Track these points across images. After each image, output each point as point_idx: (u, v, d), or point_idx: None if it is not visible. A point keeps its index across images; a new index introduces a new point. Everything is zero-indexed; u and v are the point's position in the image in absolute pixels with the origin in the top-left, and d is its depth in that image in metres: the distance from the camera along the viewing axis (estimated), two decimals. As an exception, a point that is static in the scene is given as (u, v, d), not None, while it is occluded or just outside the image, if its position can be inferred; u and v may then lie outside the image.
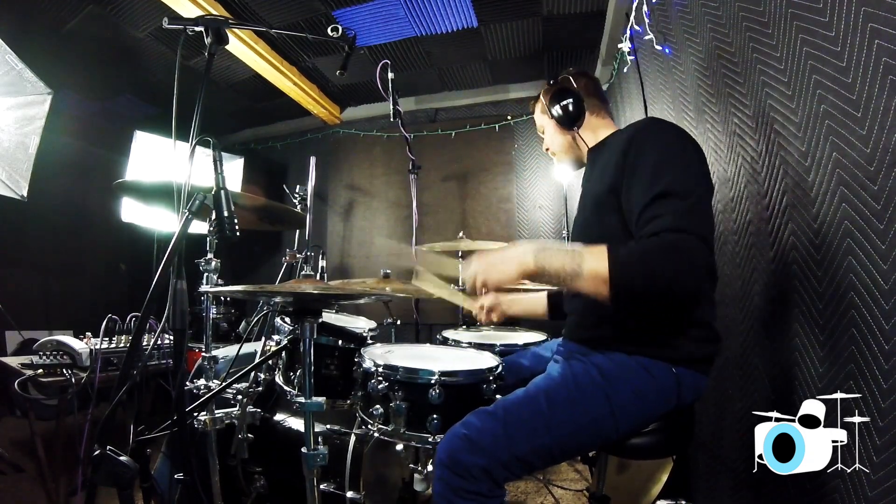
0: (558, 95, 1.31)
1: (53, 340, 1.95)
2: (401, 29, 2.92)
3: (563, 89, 1.31)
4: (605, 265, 0.91)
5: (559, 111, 1.31)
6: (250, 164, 3.95)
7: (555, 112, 1.32)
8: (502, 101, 3.74)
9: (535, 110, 1.44)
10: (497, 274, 1.00)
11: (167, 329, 1.01)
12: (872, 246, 0.88)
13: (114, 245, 3.66)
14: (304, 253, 2.69)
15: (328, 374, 1.44)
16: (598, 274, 0.91)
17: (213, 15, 1.23)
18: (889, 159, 0.82)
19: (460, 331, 2.05)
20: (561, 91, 1.31)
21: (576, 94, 1.30)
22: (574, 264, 0.93)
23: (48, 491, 1.81)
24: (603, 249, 0.93)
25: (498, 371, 1.21)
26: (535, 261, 0.96)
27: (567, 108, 1.30)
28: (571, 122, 1.31)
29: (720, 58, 1.45)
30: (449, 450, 0.97)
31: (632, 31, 2.24)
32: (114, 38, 2.88)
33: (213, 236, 1.34)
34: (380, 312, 2.26)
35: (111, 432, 0.99)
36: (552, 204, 3.57)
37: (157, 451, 1.42)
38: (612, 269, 0.90)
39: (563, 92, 1.31)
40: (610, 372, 1.05)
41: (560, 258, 0.95)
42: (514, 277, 0.98)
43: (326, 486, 1.39)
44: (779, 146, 1.18)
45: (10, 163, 2.33)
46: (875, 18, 0.83)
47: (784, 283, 1.20)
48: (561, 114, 1.31)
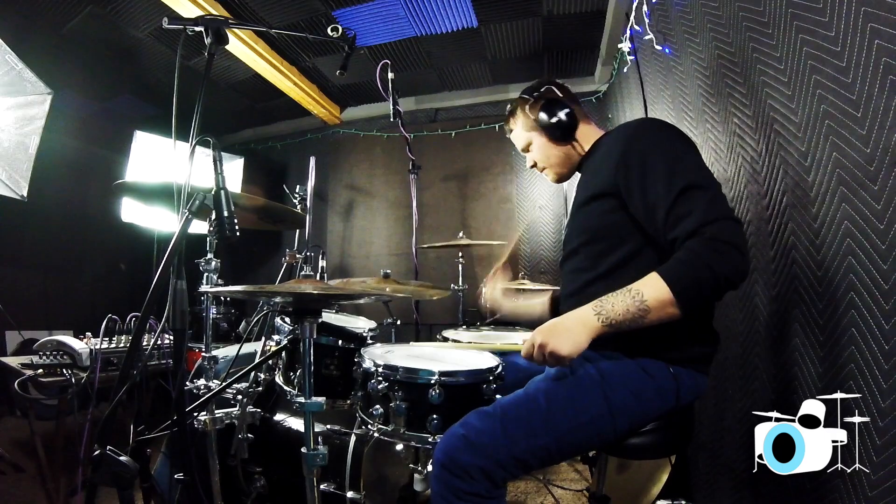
0: (549, 107, 1.24)
1: (53, 340, 1.95)
2: (401, 29, 2.92)
3: (552, 100, 1.24)
4: (665, 289, 0.91)
5: (553, 124, 1.24)
6: (250, 164, 3.95)
7: (547, 125, 1.25)
8: (502, 101, 3.74)
9: (516, 127, 1.35)
10: (568, 346, 0.95)
11: (167, 329, 1.01)
12: (872, 246, 0.88)
13: (114, 245, 3.66)
14: (304, 253, 2.69)
15: (328, 374, 1.44)
16: (664, 300, 0.92)
17: (213, 15, 1.23)
18: (889, 159, 0.82)
19: (460, 331, 2.05)
20: (551, 102, 1.24)
21: (565, 103, 1.24)
22: (637, 303, 0.93)
23: (48, 491, 1.81)
24: (653, 276, 0.94)
25: (498, 371, 1.21)
26: (598, 319, 0.96)
27: (561, 119, 1.23)
28: (568, 133, 1.25)
29: (720, 58, 1.45)
30: (447, 450, 0.96)
31: (632, 31, 2.24)
32: (114, 38, 2.88)
33: (213, 236, 1.34)
34: (380, 312, 2.27)
35: (111, 432, 0.99)
36: (552, 204, 3.56)
37: (157, 451, 1.42)
38: (675, 290, 0.91)
39: (553, 103, 1.24)
40: (608, 371, 1.05)
41: (620, 304, 0.95)
42: (586, 345, 0.96)
43: (326, 486, 1.39)
44: (779, 146, 1.18)
45: (10, 163, 2.32)
46: (875, 18, 0.83)
47: (784, 283, 1.20)
48: (555, 126, 1.24)
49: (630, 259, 1.09)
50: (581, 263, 1.19)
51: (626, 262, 1.09)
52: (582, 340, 0.96)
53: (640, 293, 0.93)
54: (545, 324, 1.01)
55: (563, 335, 0.96)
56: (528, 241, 3.58)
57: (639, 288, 0.94)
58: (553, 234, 3.54)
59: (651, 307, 0.92)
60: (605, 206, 1.11)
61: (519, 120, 1.33)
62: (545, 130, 1.27)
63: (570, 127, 1.25)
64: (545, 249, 3.54)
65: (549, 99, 1.26)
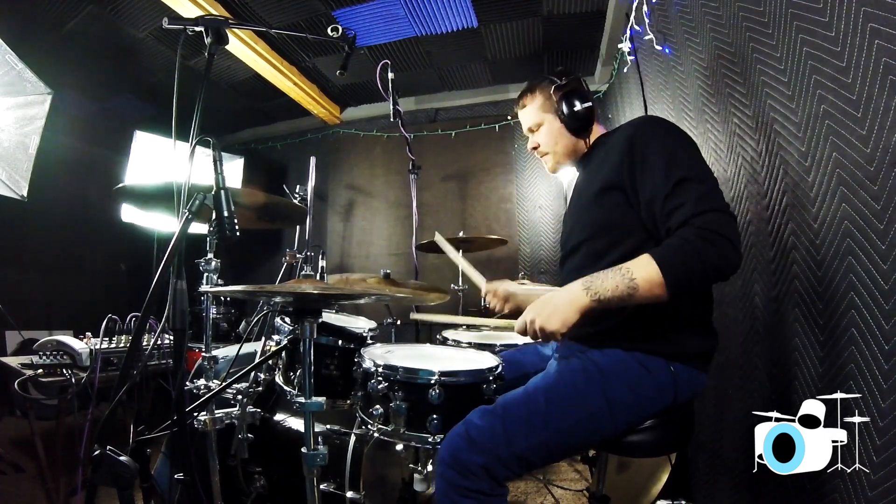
0: (572, 96, 1.24)
1: (53, 340, 1.95)
2: (401, 29, 2.92)
3: (577, 91, 1.24)
4: (655, 270, 0.92)
5: (575, 113, 1.24)
6: (250, 164, 3.95)
7: (567, 113, 1.24)
8: (502, 101, 3.74)
9: (531, 105, 1.33)
10: (557, 321, 0.97)
11: (167, 329, 1.01)
12: (872, 246, 0.88)
13: (114, 245, 3.66)
14: (304, 253, 2.69)
15: (328, 374, 1.44)
16: (653, 280, 0.92)
17: (213, 15, 1.23)
18: (889, 159, 0.82)
19: (460, 331, 2.05)
20: (575, 92, 1.24)
21: (589, 97, 1.25)
22: (626, 281, 0.94)
23: (48, 491, 1.81)
24: (645, 256, 0.95)
25: (498, 371, 1.21)
26: (588, 295, 0.96)
27: (581, 112, 1.23)
28: (585, 126, 1.26)
29: (720, 58, 1.45)
30: (450, 448, 0.98)
31: (632, 31, 2.24)
32: (114, 38, 2.88)
33: (213, 236, 1.34)
34: (380, 312, 2.26)
35: (111, 432, 0.99)
36: (552, 204, 3.56)
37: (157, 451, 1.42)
38: (664, 271, 0.92)
39: (577, 94, 1.24)
40: (607, 368, 1.06)
41: (609, 281, 0.96)
42: (575, 319, 0.97)
43: (326, 486, 1.39)
44: (779, 146, 1.18)
45: (10, 163, 2.32)
46: (875, 18, 0.83)
47: (784, 283, 1.20)
48: (574, 116, 1.24)
49: (632, 255, 1.09)
50: (582, 261, 1.19)
51: (627, 259, 1.09)
52: (571, 315, 0.97)
53: (630, 271, 0.95)
54: (537, 300, 1.02)
55: (552, 311, 0.98)
56: (528, 241, 3.58)
57: (629, 266, 0.95)
58: (553, 235, 3.53)
59: (640, 286, 0.93)
60: (614, 200, 1.12)
61: (537, 99, 1.32)
62: (564, 117, 1.26)
63: (588, 121, 1.26)
64: (545, 249, 3.54)
65: (575, 88, 1.25)
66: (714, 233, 0.91)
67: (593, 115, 1.26)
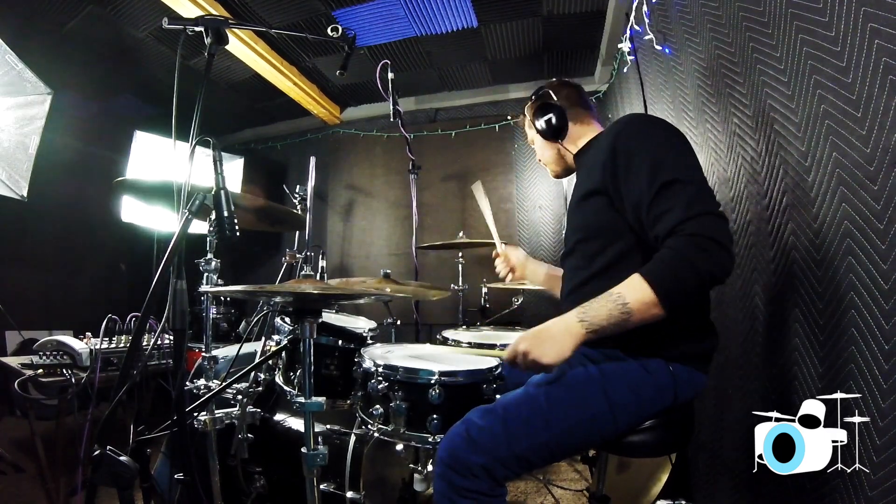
0: (541, 111, 1.34)
1: (53, 340, 1.95)
2: (401, 29, 2.92)
3: (545, 104, 1.34)
4: (647, 290, 0.90)
5: (543, 125, 1.33)
6: (250, 164, 3.95)
7: (539, 126, 1.34)
8: (502, 101, 3.74)
9: (524, 123, 1.48)
10: (553, 354, 0.94)
11: (167, 329, 1.01)
12: (872, 246, 0.88)
13: (114, 245, 3.66)
14: (304, 253, 2.69)
15: (328, 374, 1.44)
16: (646, 301, 0.91)
17: (213, 15, 1.23)
18: (889, 159, 0.82)
19: (460, 331, 2.05)
20: (543, 106, 1.34)
21: (557, 107, 1.32)
22: (619, 307, 0.92)
23: (48, 491, 1.81)
24: (635, 277, 0.93)
25: (498, 371, 1.21)
26: (582, 326, 0.94)
27: (550, 122, 1.32)
28: (556, 134, 1.33)
29: (720, 58, 1.45)
30: (450, 448, 0.97)
31: (632, 31, 2.24)
32: (114, 38, 2.88)
33: (213, 236, 1.34)
34: (380, 312, 2.26)
35: (111, 432, 0.99)
36: (552, 204, 3.56)
37: (157, 451, 1.42)
38: (657, 290, 0.90)
39: (544, 107, 1.33)
40: (607, 369, 1.06)
41: (603, 309, 0.94)
42: (570, 353, 0.95)
43: (326, 486, 1.39)
44: (779, 146, 1.18)
45: (10, 163, 2.32)
46: (875, 18, 0.83)
47: (784, 283, 1.20)
48: (545, 128, 1.33)
49: (623, 257, 1.09)
50: (577, 262, 1.20)
51: (619, 260, 1.09)
52: (566, 349, 0.95)
53: (620, 296, 0.93)
54: (529, 331, 1.00)
55: (547, 343, 0.96)
56: (528, 242, 3.58)
57: (620, 291, 0.93)
58: (553, 235, 3.54)
59: (633, 309, 0.91)
60: (598, 205, 1.12)
61: (526, 117, 1.45)
62: (538, 131, 1.37)
63: (558, 129, 1.32)
64: (545, 249, 3.54)
65: (542, 103, 1.35)
66: (708, 239, 0.89)
67: (565, 122, 1.32)
